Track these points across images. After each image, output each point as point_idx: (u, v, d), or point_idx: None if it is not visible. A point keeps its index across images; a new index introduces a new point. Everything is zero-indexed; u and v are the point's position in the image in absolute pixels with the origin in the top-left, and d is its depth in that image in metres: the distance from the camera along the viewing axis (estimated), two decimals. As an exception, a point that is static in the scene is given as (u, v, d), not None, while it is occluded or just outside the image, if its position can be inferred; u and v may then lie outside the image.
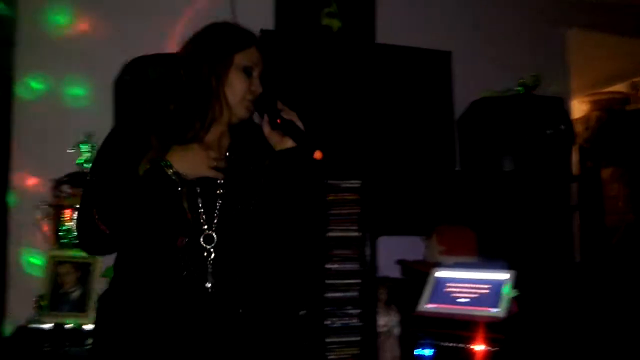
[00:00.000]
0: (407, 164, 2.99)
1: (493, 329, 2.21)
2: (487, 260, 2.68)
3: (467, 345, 2.22)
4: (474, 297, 2.37)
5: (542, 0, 3.65)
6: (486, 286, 2.40)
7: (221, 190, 1.50)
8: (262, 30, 2.92)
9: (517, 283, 2.36)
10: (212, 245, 1.46)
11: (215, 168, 1.47)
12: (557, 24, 3.70)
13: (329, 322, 2.55)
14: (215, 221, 1.47)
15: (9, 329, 2.44)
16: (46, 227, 2.52)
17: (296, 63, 2.94)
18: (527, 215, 2.94)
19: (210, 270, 1.44)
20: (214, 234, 1.46)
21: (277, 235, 1.63)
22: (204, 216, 1.47)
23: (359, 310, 2.58)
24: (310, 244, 2.55)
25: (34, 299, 2.39)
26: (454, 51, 3.28)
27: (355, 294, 2.58)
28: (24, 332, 2.30)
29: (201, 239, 1.46)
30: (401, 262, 2.90)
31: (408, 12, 3.35)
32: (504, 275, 2.39)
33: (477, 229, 2.88)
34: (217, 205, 1.49)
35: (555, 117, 3.07)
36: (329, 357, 2.53)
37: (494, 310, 2.28)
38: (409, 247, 2.96)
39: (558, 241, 3.03)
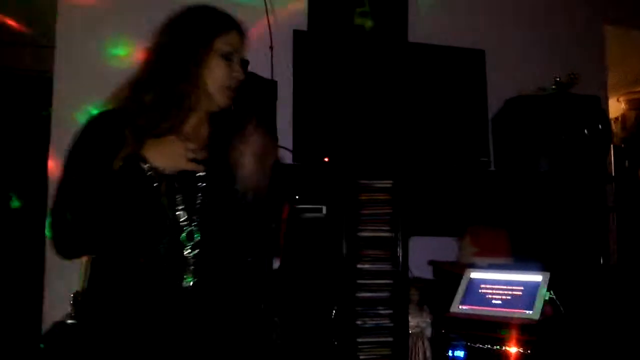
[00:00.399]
0: (440, 164, 2.97)
1: (527, 331, 2.18)
2: (521, 262, 2.65)
3: (500, 347, 2.20)
4: (508, 299, 2.35)
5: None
6: (520, 288, 2.37)
7: (202, 184, 1.41)
8: (295, 31, 2.94)
9: (551, 285, 2.33)
10: (194, 242, 1.38)
11: (195, 160, 1.38)
12: (593, 21, 3.63)
13: (360, 322, 2.54)
14: (196, 217, 1.39)
15: (45, 326, 2.50)
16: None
17: (329, 63, 2.94)
18: (563, 216, 2.90)
19: (192, 269, 1.37)
20: (195, 230, 1.38)
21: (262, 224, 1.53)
22: (185, 212, 1.38)
23: (390, 311, 2.57)
24: (341, 244, 2.55)
25: (70, 296, 2.44)
26: (488, 49, 3.25)
27: (386, 294, 2.57)
28: (61, 328, 2.34)
29: (181, 237, 1.37)
30: (433, 263, 2.88)
31: (440, 10, 3.32)
32: (538, 277, 2.36)
33: (511, 230, 2.85)
34: (198, 200, 1.40)
35: (591, 117, 3.02)
36: (360, 357, 2.53)
37: (528, 312, 2.26)
38: (441, 247, 2.94)
39: (594, 243, 2.97)
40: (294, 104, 2.82)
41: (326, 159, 2.77)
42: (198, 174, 1.41)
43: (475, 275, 2.46)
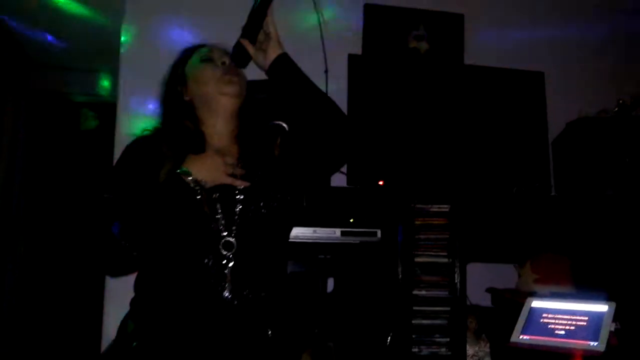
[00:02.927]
0: (499, 188, 2.90)
1: (592, 363, 2.09)
2: (585, 291, 2.55)
3: (564, 380, 2.11)
4: (571, 329, 2.25)
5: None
6: (584, 318, 2.27)
7: (240, 196, 1.47)
8: (350, 55, 2.95)
9: (617, 316, 2.23)
10: (232, 252, 1.43)
11: (233, 175, 1.47)
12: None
13: (416, 349, 2.48)
14: (234, 227, 1.45)
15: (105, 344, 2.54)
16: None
17: (384, 86, 2.93)
18: (628, 243, 2.78)
19: (229, 278, 1.41)
20: (233, 240, 1.43)
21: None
22: (223, 221, 1.44)
23: (447, 339, 2.50)
24: (397, 269, 2.51)
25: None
26: (548, 71, 3.18)
27: (443, 322, 2.50)
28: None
29: (220, 246, 1.42)
30: (492, 290, 2.80)
31: (496, 33, 3.28)
32: (603, 307, 2.26)
33: (574, 257, 2.75)
34: (236, 212, 1.46)
35: (657, 139, 2.90)
36: (416, 385, 2.47)
37: (593, 343, 2.16)
38: (500, 274, 2.86)
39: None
40: (349, 128, 2.82)
41: (381, 183, 2.75)
42: (237, 188, 1.48)
43: (536, 304, 2.37)
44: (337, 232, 2.40)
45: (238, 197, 1.48)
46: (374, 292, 2.51)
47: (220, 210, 1.45)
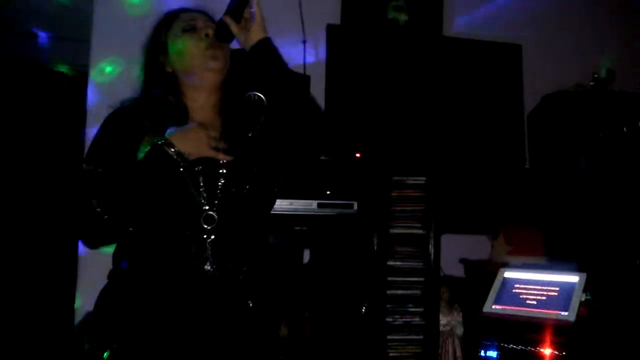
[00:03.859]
0: (474, 161, 2.92)
1: (562, 332, 2.13)
2: (556, 262, 2.60)
3: (534, 349, 2.15)
4: (543, 300, 2.30)
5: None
6: (555, 288, 2.32)
7: (223, 170, 1.45)
8: (328, 25, 2.92)
9: (587, 286, 2.27)
10: (213, 226, 1.41)
11: (216, 148, 1.43)
12: (633, 16, 3.53)
13: (390, 319, 2.52)
14: (217, 201, 1.43)
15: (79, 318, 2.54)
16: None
17: (362, 57, 2.91)
18: (599, 216, 2.83)
19: (209, 252, 1.40)
20: (215, 215, 1.42)
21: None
22: (205, 195, 1.42)
23: (421, 309, 2.54)
24: (372, 241, 2.53)
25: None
26: (524, 44, 3.18)
27: (417, 292, 2.54)
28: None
29: (201, 220, 1.41)
30: (465, 261, 2.85)
31: (475, 4, 3.27)
32: (574, 278, 2.31)
33: (546, 230, 2.79)
34: (219, 185, 1.44)
35: (631, 114, 2.94)
36: (390, 354, 2.51)
37: (564, 313, 2.20)
38: (474, 246, 2.90)
39: (631, 243, 2.90)
40: (326, 99, 2.80)
41: (358, 155, 2.75)
42: (220, 161, 1.46)
43: (509, 274, 2.41)
44: (314, 204, 2.41)
45: (221, 171, 1.46)
46: (350, 263, 2.53)
47: (202, 184, 1.43)
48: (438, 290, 2.58)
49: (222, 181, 1.45)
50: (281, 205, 2.33)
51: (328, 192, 2.46)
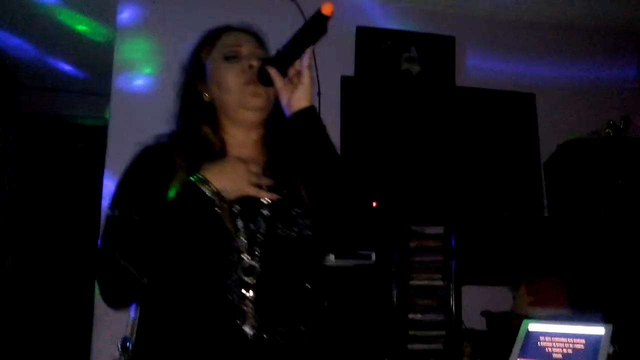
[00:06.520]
0: (492, 210, 2.89)
1: (591, 388, 2.06)
2: (580, 313, 2.53)
3: (562, 405, 2.07)
4: (569, 353, 2.21)
5: (629, 38, 3.51)
6: (582, 341, 2.24)
7: (266, 212, 1.24)
8: (342, 77, 2.94)
9: (614, 338, 2.20)
10: (253, 278, 1.18)
11: (258, 185, 1.23)
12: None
13: (411, 375, 2.45)
14: (258, 248, 1.20)
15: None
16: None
17: (377, 108, 2.93)
18: (622, 264, 2.76)
19: (251, 310, 1.16)
20: (256, 264, 1.19)
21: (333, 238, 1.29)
22: (244, 241, 1.20)
23: (443, 364, 2.47)
24: (391, 292, 2.48)
25: (119, 341, 2.42)
26: (538, 93, 3.19)
27: (439, 346, 2.48)
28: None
29: (239, 270, 1.18)
30: (487, 314, 2.77)
31: (488, 55, 3.30)
32: (600, 330, 2.23)
33: (568, 279, 2.73)
34: (260, 230, 1.22)
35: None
36: (412, 411, 2.43)
37: (592, 367, 2.13)
38: (495, 297, 2.83)
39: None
40: (341, 149, 2.80)
41: (374, 204, 2.72)
42: (264, 201, 1.24)
43: (533, 327, 2.33)
44: (331, 255, 2.37)
45: (264, 212, 1.24)
46: (369, 316, 2.47)
47: (241, 227, 1.21)
48: (460, 344, 2.51)
49: (265, 225, 1.23)
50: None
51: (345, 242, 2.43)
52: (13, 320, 3.92)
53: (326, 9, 1.18)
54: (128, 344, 2.39)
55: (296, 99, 1.27)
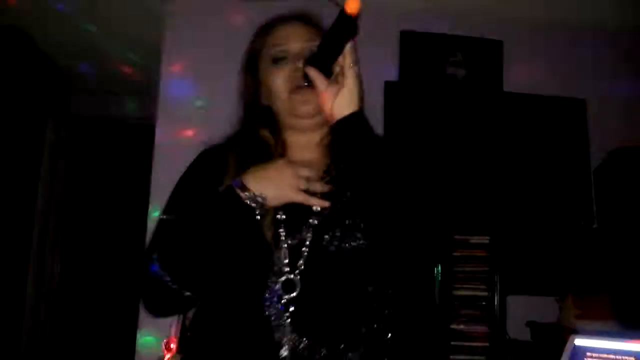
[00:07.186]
0: (540, 219, 2.83)
1: (641, 407, 2.00)
2: (628, 328, 2.46)
3: (610, 422, 2.02)
4: (618, 370, 2.17)
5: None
6: (631, 358, 2.19)
7: (314, 221, 1.13)
8: (386, 82, 2.93)
9: (665, 356, 2.13)
10: (293, 294, 1.09)
11: (308, 190, 1.12)
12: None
13: (454, 386, 2.43)
14: (301, 262, 1.10)
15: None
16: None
17: (421, 113, 2.90)
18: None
19: (288, 329, 1.07)
20: (297, 280, 1.09)
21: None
22: (286, 252, 1.11)
23: (486, 375, 2.44)
24: (435, 302, 2.46)
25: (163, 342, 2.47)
26: (588, 98, 3.11)
27: (482, 357, 2.45)
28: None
29: (278, 286, 1.09)
30: (532, 324, 2.72)
31: (537, 60, 3.22)
32: (651, 347, 2.17)
33: (616, 293, 2.65)
34: (305, 242, 1.12)
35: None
36: (454, 422, 2.41)
37: (641, 385, 2.07)
38: (540, 308, 2.77)
39: None
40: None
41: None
42: (313, 209, 1.14)
43: (580, 342, 2.28)
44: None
45: (311, 221, 1.13)
46: (411, 326, 2.46)
47: (284, 237, 1.12)
48: (504, 356, 2.47)
49: (311, 236, 1.12)
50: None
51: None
52: (61, 320, 4.03)
53: (350, 7, 1.08)
54: (172, 345, 2.44)
55: (337, 106, 1.13)
